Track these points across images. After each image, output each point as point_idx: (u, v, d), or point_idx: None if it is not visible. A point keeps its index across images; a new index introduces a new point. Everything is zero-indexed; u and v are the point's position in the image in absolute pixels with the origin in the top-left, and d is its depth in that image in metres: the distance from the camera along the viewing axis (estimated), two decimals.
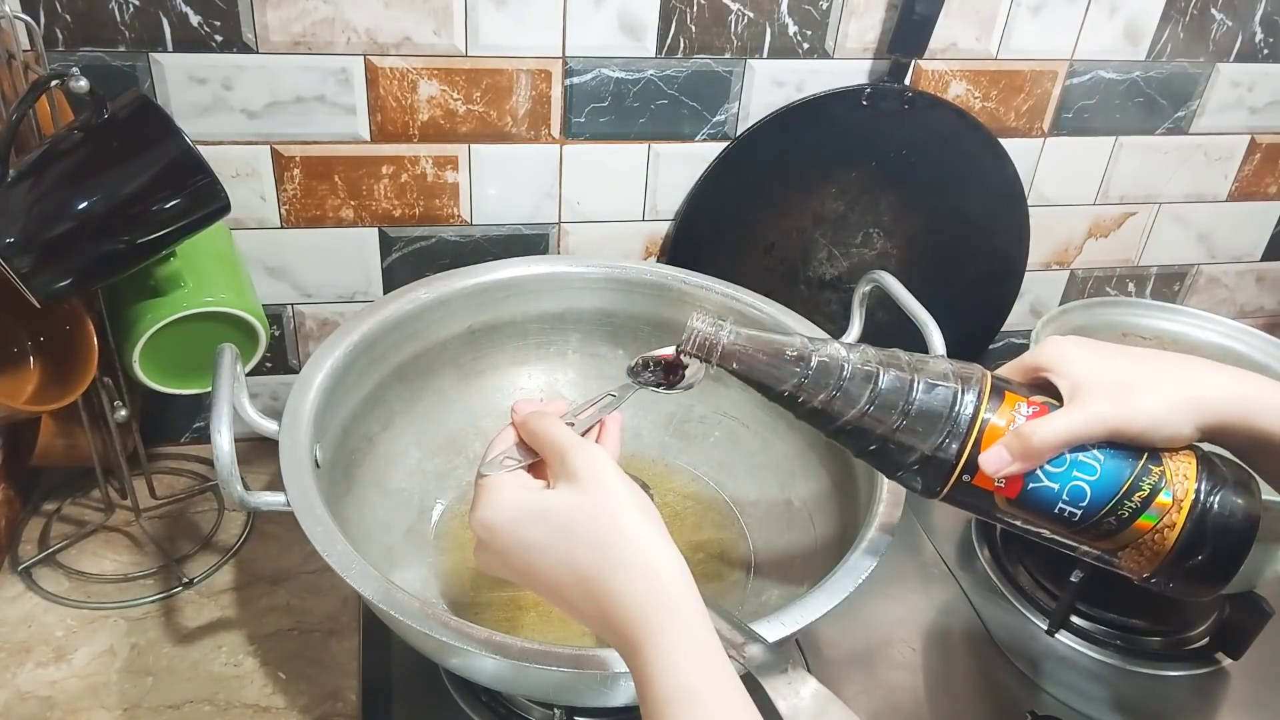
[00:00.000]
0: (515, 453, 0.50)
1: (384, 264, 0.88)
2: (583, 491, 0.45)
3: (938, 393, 0.51)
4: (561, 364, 0.88)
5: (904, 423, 0.50)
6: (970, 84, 0.91)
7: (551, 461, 0.48)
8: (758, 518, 0.82)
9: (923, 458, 0.51)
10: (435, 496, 0.81)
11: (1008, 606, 0.84)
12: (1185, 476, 0.48)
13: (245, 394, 0.64)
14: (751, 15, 0.83)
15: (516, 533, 0.46)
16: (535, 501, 0.46)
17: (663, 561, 0.44)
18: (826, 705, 0.48)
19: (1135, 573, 0.50)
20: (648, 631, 0.42)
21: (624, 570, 0.43)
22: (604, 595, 0.43)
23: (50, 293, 0.62)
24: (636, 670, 0.42)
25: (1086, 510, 0.49)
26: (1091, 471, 0.49)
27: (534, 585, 0.47)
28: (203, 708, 0.68)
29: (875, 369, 0.51)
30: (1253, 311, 1.16)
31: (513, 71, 0.81)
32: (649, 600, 0.42)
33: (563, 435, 0.48)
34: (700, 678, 0.41)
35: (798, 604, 0.58)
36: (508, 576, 0.48)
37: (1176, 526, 0.48)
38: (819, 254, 0.94)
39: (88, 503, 0.84)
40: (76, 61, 0.73)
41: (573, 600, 0.45)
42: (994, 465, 0.49)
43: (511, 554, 0.46)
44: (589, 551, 0.44)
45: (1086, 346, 0.52)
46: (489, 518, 0.47)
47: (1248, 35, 0.94)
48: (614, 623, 0.43)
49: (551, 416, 0.51)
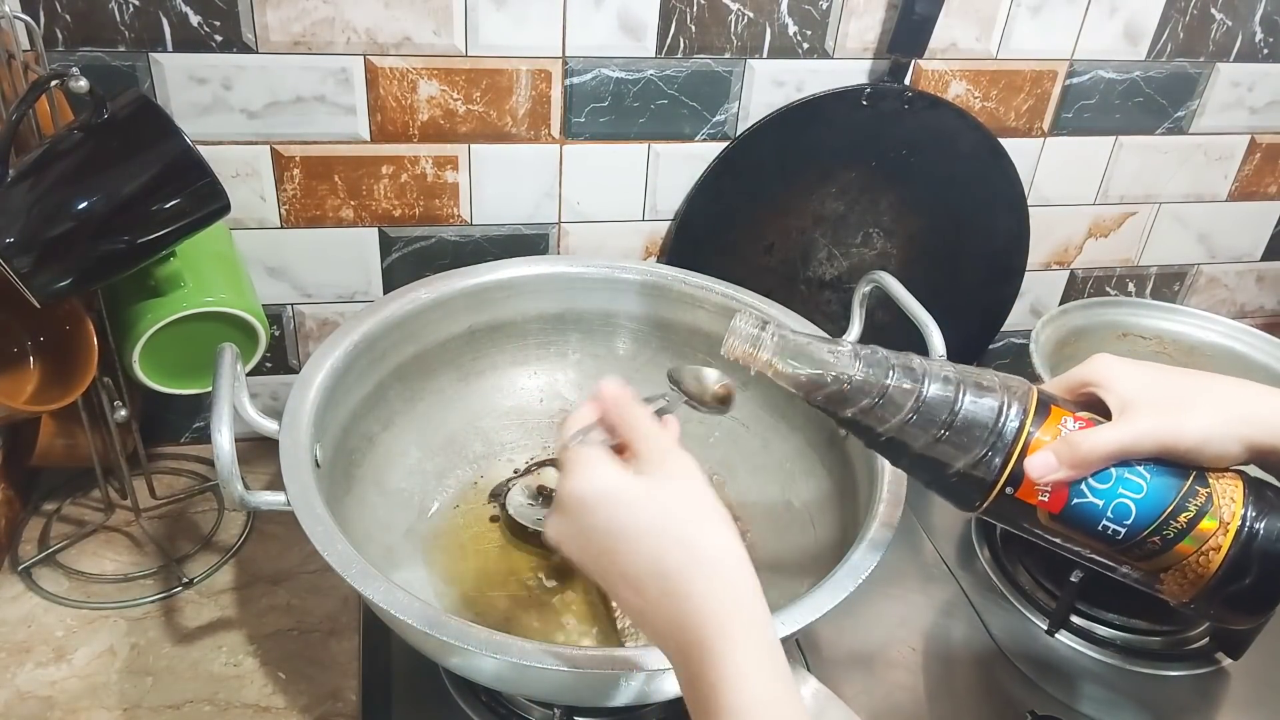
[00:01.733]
0: (600, 432, 0.48)
1: (384, 264, 0.88)
2: (678, 491, 0.45)
3: (984, 404, 0.50)
4: (561, 364, 0.88)
5: (947, 434, 0.50)
6: (970, 84, 0.91)
7: (643, 452, 0.46)
8: (758, 518, 0.82)
9: (964, 470, 0.50)
10: (435, 496, 0.81)
11: (1008, 606, 0.84)
12: (1232, 500, 0.48)
13: (245, 394, 0.64)
14: (751, 15, 0.83)
15: (608, 512, 0.44)
16: (634, 487, 0.45)
17: (743, 573, 0.43)
18: (826, 704, 0.48)
19: (1176, 597, 0.50)
20: (724, 641, 0.41)
21: (710, 575, 0.43)
22: (685, 595, 0.42)
23: (50, 293, 0.62)
24: (703, 675, 0.41)
25: (1131, 529, 0.48)
26: (1138, 490, 0.48)
27: (605, 570, 0.45)
28: (203, 708, 0.68)
29: (921, 377, 0.51)
30: (1253, 311, 1.16)
31: (513, 71, 0.81)
32: (732, 609, 0.42)
33: (659, 430, 0.47)
34: (773, 694, 0.40)
35: (798, 604, 0.57)
36: (578, 555, 0.46)
37: (1221, 550, 0.47)
38: (819, 254, 0.94)
39: (88, 503, 0.84)
40: (76, 61, 0.73)
41: (645, 594, 0.44)
42: (1039, 470, 0.49)
43: (595, 534, 0.45)
44: (678, 550, 0.43)
45: (1135, 364, 0.52)
46: (583, 490, 0.45)
47: (1248, 35, 0.94)
48: (688, 624, 0.42)
49: (643, 406, 0.49)
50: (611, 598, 0.46)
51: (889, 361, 0.52)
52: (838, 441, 0.77)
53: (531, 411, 0.88)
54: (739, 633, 0.41)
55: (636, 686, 0.57)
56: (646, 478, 0.45)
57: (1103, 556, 0.50)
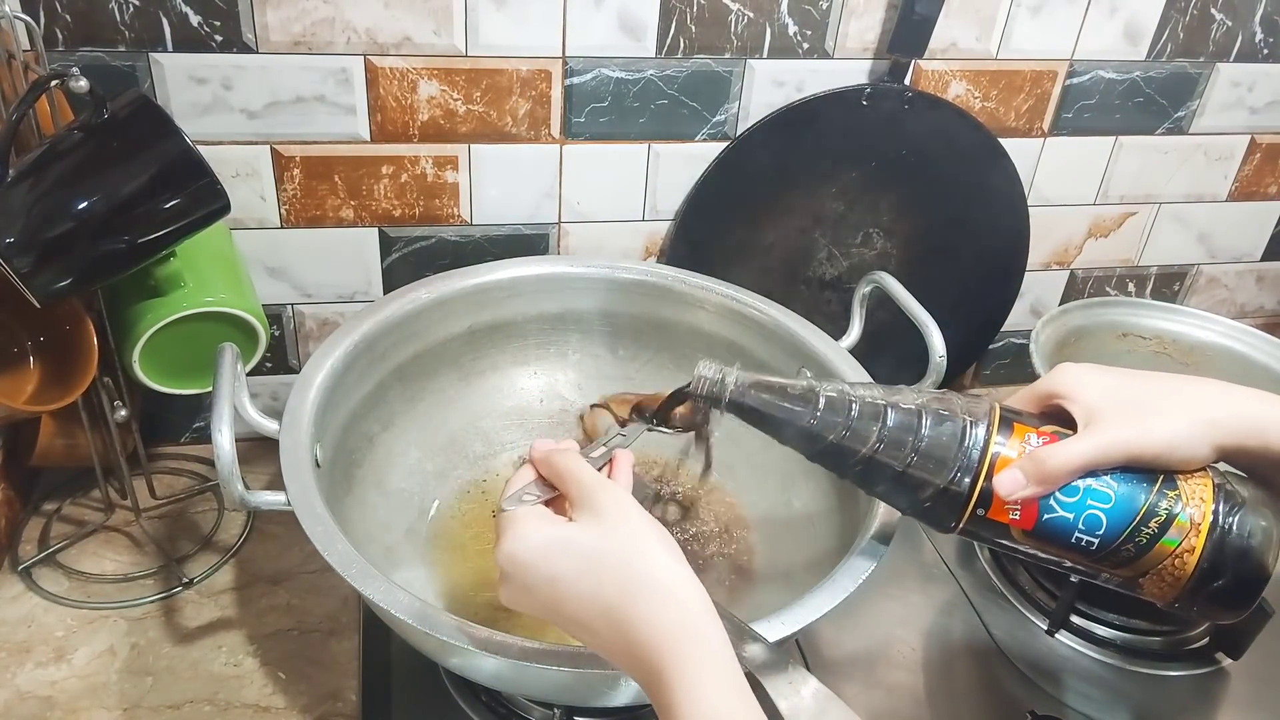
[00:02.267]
0: (535, 489, 0.51)
1: (384, 264, 0.88)
2: (608, 525, 0.45)
3: (946, 427, 0.51)
4: (561, 364, 0.88)
5: (914, 459, 0.50)
6: (970, 84, 0.91)
7: (574, 496, 0.48)
8: (758, 518, 0.82)
9: (936, 493, 0.51)
10: (435, 497, 0.81)
11: (1008, 606, 0.84)
12: (1202, 499, 0.48)
13: (246, 394, 0.65)
14: (751, 15, 0.83)
15: (542, 565, 0.46)
16: (561, 535, 0.46)
17: (688, 592, 0.44)
18: (826, 705, 0.48)
19: (1159, 599, 0.50)
20: (674, 659, 0.42)
21: (651, 599, 0.43)
22: (630, 624, 0.43)
23: (50, 293, 0.62)
24: (661, 698, 0.42)
25: (1103, 538, 0.49)
26: (1106, 499, 0.48)
27: (558, 617, 0.47)
28: (203, 708, 0.68)
29: (882, 406, 0.52)
30: (1253, 311, 1.16)
31: (513, 71, 0.81)
32: (676, 629, 0.42)
33: (586, 471, 0.49)
34: (727, 706, 0.41)
35: (798, 604, 0.57)
36: (532, 610, 0.48)
37: (1196, 550, 0.47)
38: (819, 254, 0.94)
39: (88, 503, 0.84)
40: (76, 61, 0.73)
41: (597, 630, 0.45)
42: (1008, 488, 0.49)
43: (537, 587, 0.46)
44: (616, 582, 0.44)
45: (1099, 371, 0.52)
46: (515, 550, 0.46)
47: (1248, 35, 0.94)
48: (639, 651, 0.43)
49: (572, 453, 0.51)
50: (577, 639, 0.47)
51: (849, 395, 0.53)
52: None
53: (532, 411, 0.88)
54: (688, 650, 0.42)
55: (636, 687, 0.56)
56: (578, 522, 0.47)
57: (1081, 566, 0.51)
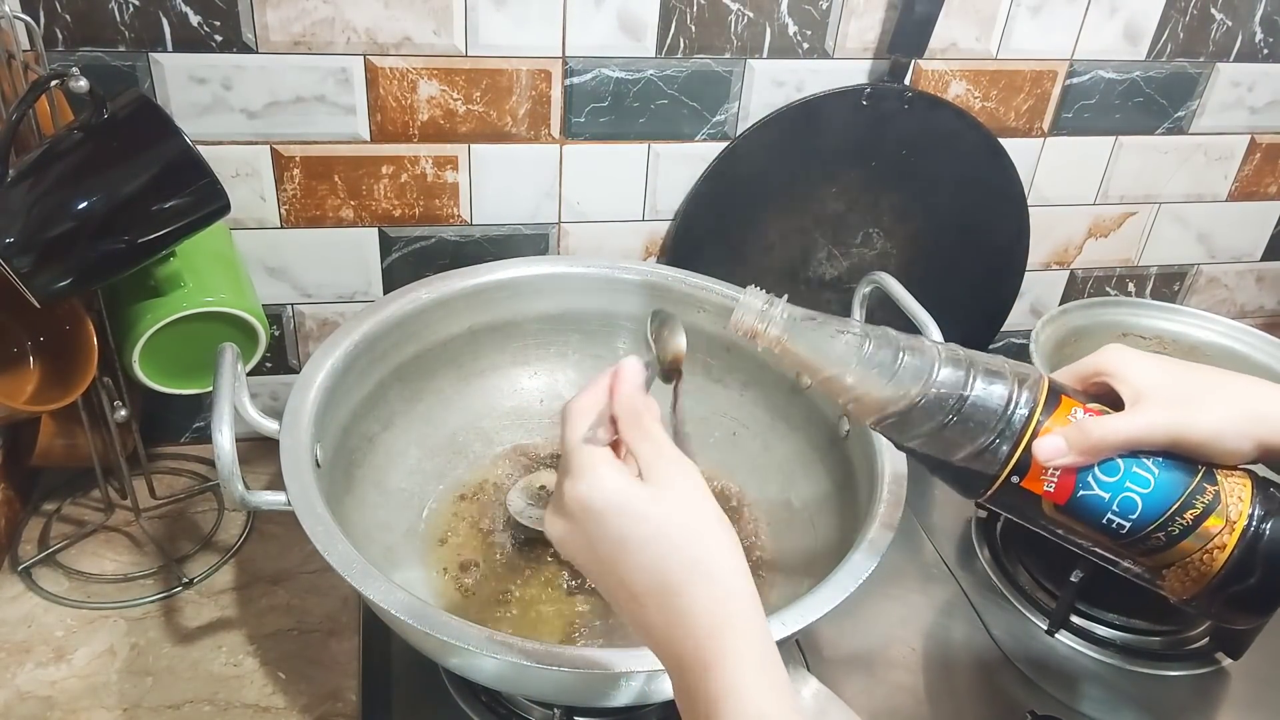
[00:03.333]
0: (606, 430, 0.46)
1: (384, 264, 0.88)
2: (682, 500, 0.44)
3: (994, 390, 0.49)
4: (561, 364, 0.88)
5: (955, 419, 0.48)
6: (970, 84, 0.91)
7: (649, 460, 0.45)
8: (758, 518, 0.82)
9: (971, 456, 0.49)
10: (435, 496, 0.81)
11: (1008, 606, 0.84)
12: (1239, 498, 0.47)
13: (246, 394, 0.65)
14: (751, 15, 0.83)
15: (613, 522, 0.44)
16: (640, 498, 0.44)
17: (744, 586, 0.43)
18: (827, 705, 0.48)
19: (1178, 594, 0.49)
20: (724, 654, 0.41)
21: (714, 587, 0.43)
22: (684, 610, 0.42)
23: (50, 293, 0.62)
24: (701, 687, 0.41)
25: (1135, 523, 0.48)
26: (1145, 484, 0.48)
27: (607, 579, 0.45)
28: (203, 708, 0.68)
29: (931, 360, 0.49)
30: (1253, 311, 1.16)
31: (513, 71, 0.81)
32: (731, 623, 0.42)
33: (667, 441, 0.46)
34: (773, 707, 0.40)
35: (798, 604, 0.57)
36: (580, 559, 0.46)
37: (1227, 549, 0.47)
38: (819, 254, 0.94)
39: (88, 503, 0.84)
40: (76, 61, 0.73)
41: (645, 604, 0.44)
42: (1048, 453, 0.48)
43: (601, 543, 0.44)
44: (681, 561, 0.43)
45: (1149, 356, 0.52)
46: (591, 497, 0.44)
47: (1248, 35, 0.94)
48: (688, 636, 0.42)
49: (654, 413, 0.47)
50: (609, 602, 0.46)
51: (898, 343, 0.50)
52: (838, 442, 0.77)
53: (531, 411, 0.88)
54: (738, 647, 0.41)
55: (636, 686, 0.57)
56: (652, 487, 0.44)
57: (1105, 550, 0.50)
